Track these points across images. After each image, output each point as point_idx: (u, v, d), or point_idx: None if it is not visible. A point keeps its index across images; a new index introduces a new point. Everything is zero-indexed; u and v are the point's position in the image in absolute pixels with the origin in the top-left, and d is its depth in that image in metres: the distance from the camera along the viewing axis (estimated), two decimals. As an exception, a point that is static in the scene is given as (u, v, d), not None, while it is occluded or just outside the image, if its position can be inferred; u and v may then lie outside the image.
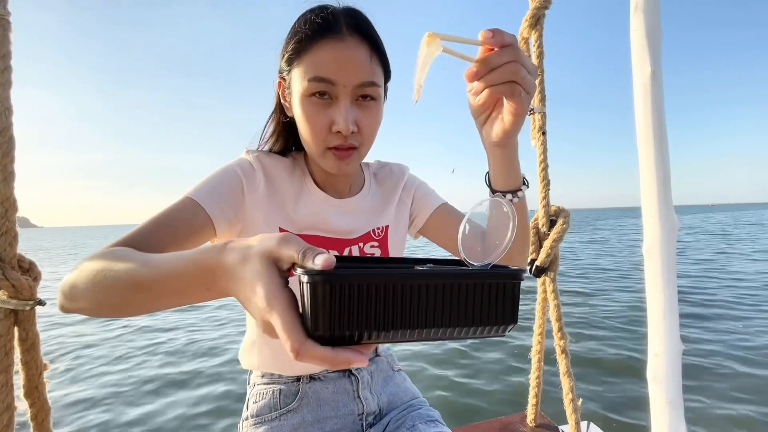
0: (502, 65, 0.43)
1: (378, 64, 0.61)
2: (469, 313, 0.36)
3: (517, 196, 0.56)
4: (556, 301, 0.76)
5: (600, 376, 3.11)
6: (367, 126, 0.61)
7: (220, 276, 0.35)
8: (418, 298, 0.34)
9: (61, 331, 5.17)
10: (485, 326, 0.37)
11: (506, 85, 0.44)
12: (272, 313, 0.31)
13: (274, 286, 0.32)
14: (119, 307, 0.43)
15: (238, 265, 0.34)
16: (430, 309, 0.35)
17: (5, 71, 0.56)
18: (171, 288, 0.39)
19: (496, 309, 0.37)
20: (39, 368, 0.52)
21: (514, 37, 0.44)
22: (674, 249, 1.08)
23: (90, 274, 0.43)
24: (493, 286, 0.37)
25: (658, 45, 1.04)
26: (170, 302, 0.41)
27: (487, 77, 0.44)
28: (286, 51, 0.61)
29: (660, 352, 1.09)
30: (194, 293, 0.38)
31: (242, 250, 0.34)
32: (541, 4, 0.80)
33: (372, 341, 0.33)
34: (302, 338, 0.31)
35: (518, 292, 0.38)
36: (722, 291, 5.92)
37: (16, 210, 0.53)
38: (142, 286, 0.40)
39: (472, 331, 0.37)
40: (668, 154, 1.05)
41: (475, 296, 0.36)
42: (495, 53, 0.43)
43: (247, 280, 0.33)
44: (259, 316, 0.33)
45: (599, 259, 10.08)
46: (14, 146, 0.54)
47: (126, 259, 0.43)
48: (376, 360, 0.80)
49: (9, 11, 0.59)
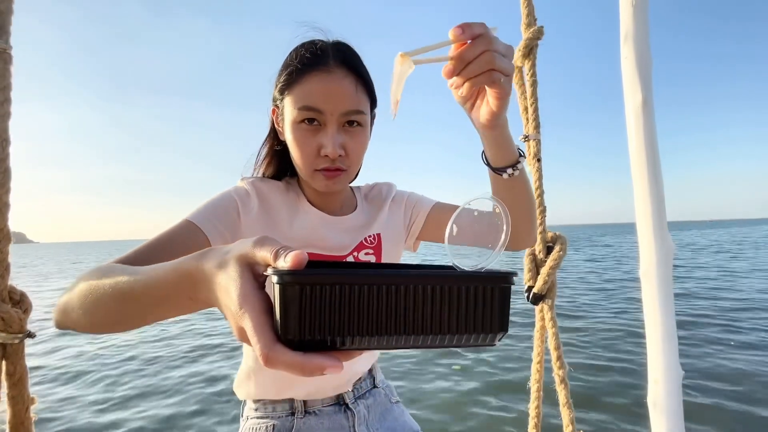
0: (476, 57, 0.44)
1: (364, 93, 0.65)
2: (453, 319, 0.33)
3: (517, 169, 0.58)
4: (554, 329, 0.75)
5: (601, 405, 3.06)
6: (353, 150, 0.65)
7: (200, 283, 0.34)
8: (397, 302, 0.31)
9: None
10: (472, 334, 0.33)
11: (484, 75, 0.45)
12: (244, 316, 0.30)
13: (247, 288, 0.31)
14: (109, 320, 0.43)
15: (215, 271, 0.33)
16: (410, 314, 0.32)
17: (4, 103, 0.57)
18: (156, 297, 0.38)
19: (483, 315, 0.34)
20: (26, 403, 0.51)
21: (483, 26, 0.44)
22: (671, 272, 1.08)
23: (82, 290, 0.44)
24: (480, 290, 0.33)
25: (648, 72, 1.06)
26: (157, 313, 0.40)
27: (463, 72, 0.44)
28: (279, 82, 0.66)
29: (660, 379, 1.08)
30: (178, 302, 0.38)
31: (220, 256, 0.34)
32: (533, 35, 0.82)
33: (347, 348, 0.31)
34: (272, 342, 0.29)
35: (508, 296, 0.35)
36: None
37: (10, 241, 0.53)
38: (128, 296, 0.40)
39: (457, 339, 0.33)
40: (662, 178, 1.06)
41: (460, 300, 0.33)
42: (467, 47, 0.43)
43: (221, 287, 0.32)
44: (233, 322, 0.32)
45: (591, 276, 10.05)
46: (10, 177, 0.55)
47: (114, 272, 0.43)
48: (373, 392, 0.79)
49: (11, 45, 0.60)
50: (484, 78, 0.45)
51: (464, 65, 0.44)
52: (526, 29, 0.84)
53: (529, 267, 0.80)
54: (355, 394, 0.76)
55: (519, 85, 0.85)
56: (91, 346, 5.25)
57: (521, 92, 0.85)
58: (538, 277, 0.79)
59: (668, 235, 1.06)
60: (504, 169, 0.58)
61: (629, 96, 1.06)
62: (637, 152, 1.05)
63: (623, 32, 1.05)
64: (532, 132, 0.81)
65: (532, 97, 0.83)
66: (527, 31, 0.84)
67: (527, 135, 0.83)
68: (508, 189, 0.61)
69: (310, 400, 0.71)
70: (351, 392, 0.75)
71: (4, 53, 0.59)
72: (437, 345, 0.33)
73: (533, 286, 0.79)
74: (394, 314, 0.31)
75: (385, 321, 0.31)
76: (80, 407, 3.45)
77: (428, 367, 4.04)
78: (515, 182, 0.59)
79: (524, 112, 0.84)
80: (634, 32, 1.02)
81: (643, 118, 1.05)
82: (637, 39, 1.03)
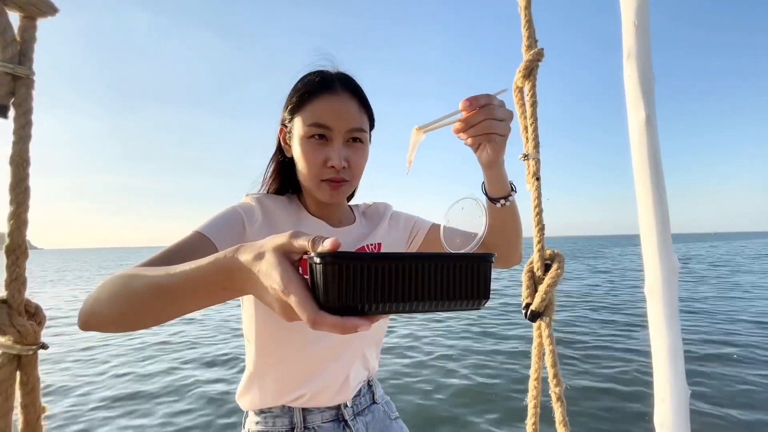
0: (479, 123, 0.59)
1: (365, 115, 0.74)
2: (449, 289, 0.43)
3: (508, 201, 0.72)
4: (551, 346, 0.75)
5: (606, 425, 3.00)
6: (356, 163, 0.73)
7: (236, 274, 0.40)
8: (408, 276, 0.41)
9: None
10: (463, 300, 0.44)
11: (483, 136, 0.61)
12: (289, 294, 0.37)
13: (289, 271, 0.38)
14: (140, 314, 0.47)
15: (253, 261, 0.39)
16: (418, 285, 0.41)
17: (26, 126, 0.60)
18: (192, 288, 0.44)
19: (471, 286, 0.44)
20: (38, 412, 0.54)
21: (487, 97, 0.60)
22: (676, 290, 1.07)
23: (113, 287, 0.49)
24: (468, 267, 0.44)
25: (651, 90, 1.06)
26: (189, 305, 0.46)
27: (467, 132, 0.59)
28: (290, 103, 0.74)
29: (666, 398, 1.07)
30: (212, 293, 0.43)
31: (256, 249, 0.40)
32: (534, 57, 0.83)
33: (373, 313, 0.40)
34: (316, 309, 0.37)
35: (489, 271, 0.46)
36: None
37: (27, 257, 0.56)
38: (163, 290, 0.45)
39: (452, 305, 0.44)
40: (666, 195, 1.05)
41: (454, 275, 0.43)
42: (473, 114, 0.59)
43: (263, 273, 0.38)
44: (277, 301, 0.38)
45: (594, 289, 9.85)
46: (29, 197, 0.58)
47: (146, 271, 0.48)
48: (372, 408, 0.80)
49: (34, 71, 0.64)
50: (483, 138, 0.61)
51: (469, 128, 0.59)
52: (527, 51, 0.86)
53: (527, 284, 0.81)
54: (354, 411, 0.77)
55: (519, 105, 0.87)
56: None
57: (521, 112, 0.86)
58: (535, 295, 0.79)
59: (673, 253, 1.05)
60: (498, 199, 0.70)
61: (632, 113, 1.07)
62: (641, 170, 1.05)
63: (626, 51, 1.06)
64: (532, 151, 0.82)
65: (532, 117, 0.84)
66: (528, 52, 0.86)
67: (527, 154, 0.84)
68: (501, 215, 0.73)
69: (309, 415, 0.72)
70: (350, 408, 0.76)
71: (28, 79, 0.63)
72: (438, 309, 0.43)
73: (531, 303, 0.80)
74: (407, 285, 0.40)
75: (401, 291, 0.40)
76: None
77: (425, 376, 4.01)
78: (506, 211, 0.72)
79: (524, 132, 0.85)
80: (636, 51, 1.03)
81: (647, 135, 1.05)
82: (639, 57, 1.03)
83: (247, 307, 0.73)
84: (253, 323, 0.72)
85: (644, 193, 1.07)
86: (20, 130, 0.60)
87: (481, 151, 0.66)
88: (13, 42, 0.59)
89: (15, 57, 0.59)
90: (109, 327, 0.50)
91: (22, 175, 0.59)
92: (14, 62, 0.58)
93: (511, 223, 0.76)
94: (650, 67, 1.07)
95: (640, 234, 1.09)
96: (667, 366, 1.07)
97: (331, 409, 0.73)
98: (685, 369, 1.10)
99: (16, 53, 0.59)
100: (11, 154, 0.59)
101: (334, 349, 0.72)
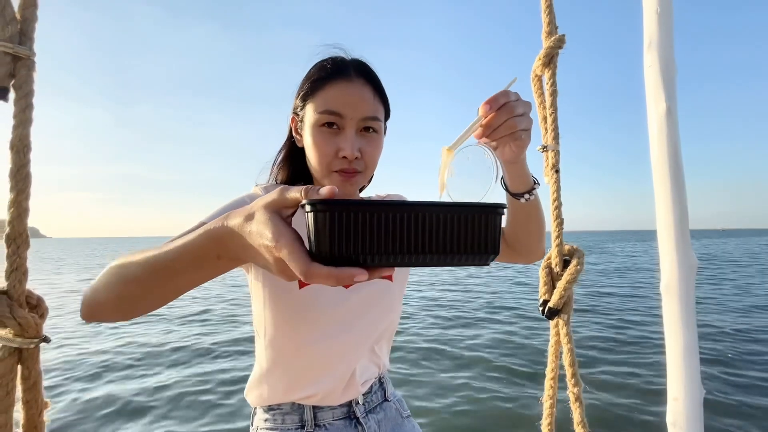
0: (501, 125, 0.55)
1: (380, 103, 0.70)
2: (455, 241, 0.39)
3: (531, 195, 0.70)
4: (569, 345, 0.73)
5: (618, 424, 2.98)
6: (369, 153, 0.69)
7: (227, 239, 0.39)
8: (409, 226, 0.37)
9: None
10: (469, 254, 0.40)
11: (508, 136, 0.57)
12: (281, 248, 0.35)
13: (280, 226, 0.36)
14: (137, 296, 0.46)
15: (243, 223, 0.38)
16: (420, 236, 0.38)
17: (26, 110, 0.58)
18: (186, 261, 0.42)
19: (479, 238, 0.40)
20: (39, 407, 0.52)
21: (504, 95, 0.55)
22: (693, 288, 1.04)
23: (109, 274, 0.48)
24: (475, 218, 0.40)
25: (672, 81, 1.03)
26: (186, 280, 0.44)
27: (491, 135, 0.56)
28: (301, 90, 0.70)
29: (680, 397, 1.04)
30: (206, 264, 0.42)
31: (245, 211, 0.38)
32: (554, 44, 0.80)
33: (370, 264, 0.37)
34: (309, 261, 0.34)
35: (499, 224, 0.42)
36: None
37: (28, 246, 0.53)
38: (158, 267, 0.44)
39: (457, 259, 0.40)
40: (685, 191, 1.02)
41: (460, 226, 0.39)
42: (494, 116, 0.55)
43: (254, 233, 0.36)
44: (270, 256, 0.36)
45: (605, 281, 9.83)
46: (30, 183, 0.55)
47: (142, 252, 0.47)
48: (383, 406, 0.78)
49: (34, 52, 0.61)
50: (509, 138, 0.58)
51: (491, 131, 0.55)
52: (547, 38, 0.82)
53: (545, 281, 0.78)
54: (366, 408, 0.75)
55: (538, 95, 0.83)
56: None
57: (540, 102, 0.83)
58: (553, 292, 0.77)
59: (691, 250, 1.02)
60: (522, 194, 0.68)
61: (652, 105, 1.03)
62: (660, 163, 1.02)
63: (647, 40, 1.03)
64: (551, 142, 0.79)
65: (552, 107, 0.81)
66: (548, 39, 0.82)
67: (545, 145, 0.81)
68: (524, 211, 0.71)
69: (320, 412, 0.70)
70: (362, 406, 0.74)
71: (28, 60, 0.60)
72: (442, 263, 0.40)
73: (548, 300, 0.77)
74: (408, 236, 0.37)
75: (401, 242, 0.37)
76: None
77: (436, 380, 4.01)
78: (530, 206, 0.69)
79: (543, 122, 0.82)
80: (658, 40, 1.00)
81: (667, 128, 1.01)
82: (661, 47, 1.00)
83: (256, 301, 0.71)
84: (262, 317, 0.70)
85: (663, 188, 1.04)
86: (21, 113, 0.57)
87: (503, 147, 0.62)
88: (12, 21, 0.56)
89: (15, 36, 0.56)
90: (111, 314, 0.49)
91: (23, 161, 0.56)
92: (14, 42, 0.56)
93: (534, 217, 0.75)
94: (672, 57, 1.04)
95: (657, 230, 1.06)
96: (682, 364, 1.05)
97: (342, 406, 0.71)
98: (699, 368, 1.08)
99: (16, 33, 0.56)
100: (11, 139, 0.56)
101: (344, 344, 0.70)
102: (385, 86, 0.73)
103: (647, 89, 1.01)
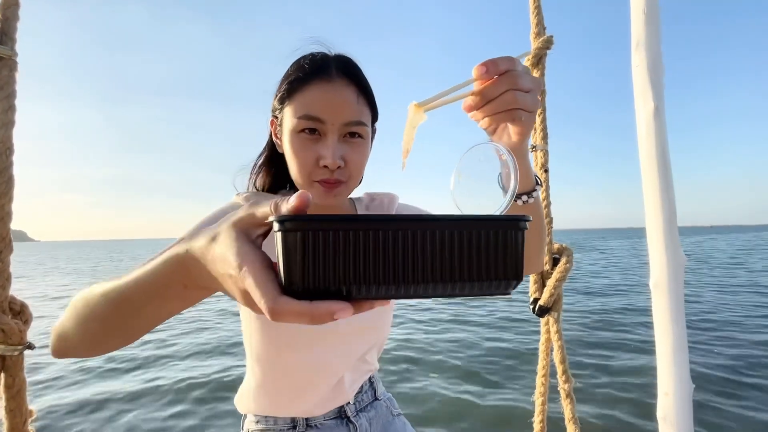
0: (499, 96, 0.42)
1: (365, 105, 0.63)
2: (464, 266, 0.31)
3: (532, 197, 0.57)
4: (560, 342, 0.73)
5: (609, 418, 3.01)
6: (354, 161, 0.63)
7: (193, 265, 0.33)
8: (403, 248, 0.30)
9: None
10: (484, 281, 0.32)
11: (505, 113, 0.43)
12: (245, 274, 0.29)
13: (245, 248, 0.30)
14: (105, 330, 0.42)
15: (207, 246, 0.32)
16: (418, 260, 0.30)
17: (8, 111, 0.56)
18: (148, 292, 0.37)
19: (496, 261, 0.32)
20: (24, 415, 0.51)
21: (510, 61, 0.42)
22: (682, 285, 1.06)
23: (74, 308, 0.43)
24: (491, 234, 0.32)
25: (660, 81, 1.04)
26: (152, 313, 0.39)
27: (484, 108, 0.43)
28: (279, 91, 0.64)
29: (670, 391, 1.06)
30: (172, 293, 0.36)
31: (209, 231, 0.33)
32: (543, 44, 0.80)
33: (355, 297, 0.29)
34: (277, 295, 0.28)
35: (522, 241, 0.33)
36: None
37: (11, 251, 0.52)
38: (120, 298, 0.39)
39: (469, 288, 0.32)
40: (673, 188, 1.03)
41: (472, 245, 0.31)
42: (491, 84, 0.42)
43: (218, 257, 0.31)
44: (235, 287, 0.30)
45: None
46: (13, 186, 0.54)
47: (103, 283, 0.42)
48: (374, 405, 0.78)
49: (16, 52, 0.60)
50: (505, 116, 0.43)
51: (486, 102, 0.42)
52: (536, 38, 0.83)
53: (535, 279, 0.78)
54: (357, 407, 0.74)
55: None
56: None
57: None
58: (544, 290, 0.77)
59: (680, 247, 1.03)
60: (520, 195, 0.56)
61: (640, 104, 1.04)
62: (648, 161, 1.03)
63: (634, 40, 1.03)
64: (540, 142, 0.80)
65: (540, 106, 0.81)
66: (536, 40, 0.83)
67: (534, 145, 0.82)
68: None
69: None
70: (353, 405, 0.74)
71: (10, 60, 0.59)
72: (449, 294, 0.32)
73: (539, 298, 0.77)
74: (403, 261, 0.30)
75: (394, 268, 0.29)
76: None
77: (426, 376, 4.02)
78: (530, 208, 0.57)
79: (532, 122, 0.83)
80: (645, 40, 1.01)
81: (655, 126, 1.02)
82: (648, 47, 1.01)
83: (243, 319, 0.69)
84: (249, 335, 0.67)
85: (651, 186, 1.05)
86: (2, 115, 0.56)
87: (501, 133, 0.50)
88: (-7, 20, 0.55)
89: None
90: (78, 351, 0.44)
91: (5, 164, 0.55)
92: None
93: (534, 222, 0.62)
94: (660, 57, 1.05)
95: (646, 227, 1.07)
96: (672, 360, 1.07)
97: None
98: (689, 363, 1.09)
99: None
100: (-7, 142, 0.55)
101: (332, 363, 0.68)
102: (372, 85, 0.66)
103: (635, 89, 1.02)
